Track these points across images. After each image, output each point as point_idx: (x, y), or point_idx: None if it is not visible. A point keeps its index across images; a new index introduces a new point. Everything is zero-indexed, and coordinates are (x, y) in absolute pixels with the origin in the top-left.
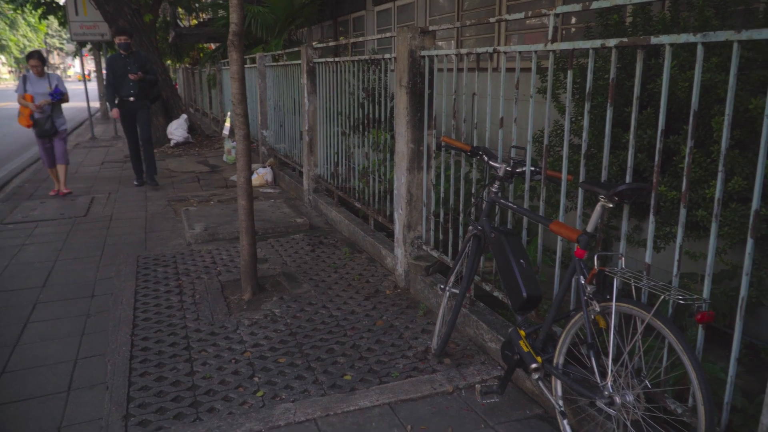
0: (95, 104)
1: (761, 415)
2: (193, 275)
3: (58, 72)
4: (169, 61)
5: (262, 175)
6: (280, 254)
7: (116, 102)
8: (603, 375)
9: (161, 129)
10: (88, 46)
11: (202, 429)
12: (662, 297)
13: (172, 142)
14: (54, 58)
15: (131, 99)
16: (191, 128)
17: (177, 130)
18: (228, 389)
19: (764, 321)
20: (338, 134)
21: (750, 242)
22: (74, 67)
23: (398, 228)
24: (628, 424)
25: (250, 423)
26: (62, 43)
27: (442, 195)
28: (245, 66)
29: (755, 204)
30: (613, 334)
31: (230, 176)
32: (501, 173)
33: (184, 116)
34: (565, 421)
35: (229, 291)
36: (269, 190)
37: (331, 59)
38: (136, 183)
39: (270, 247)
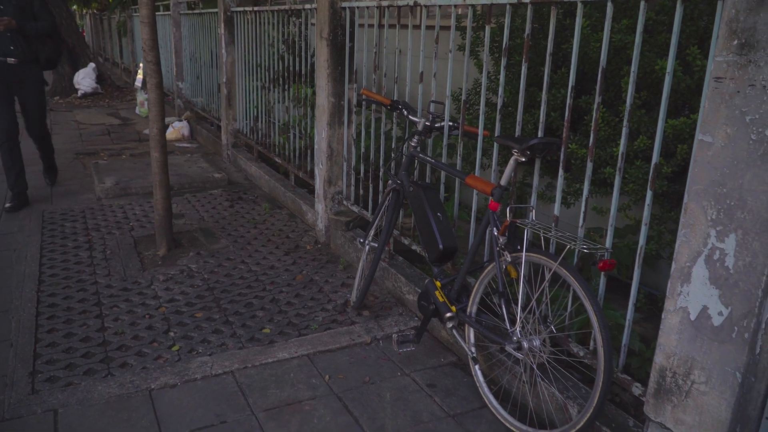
0: None
1: (654, 355)
2: (103, 230)
3: None
4: (75, 6)
5: (178, 129)
6: (197, 210)
7: None
8: (512, 322)
9: (67, 78)
10: None
11: (114, 384)
12: (568, 246)
13: (79, 93)
14: None
15: (10, 60)
16: (100, 78)
17: (84, 79)
18: (141, 344)
19: (663, 273)
20: (258, 88)
21: (649, 194)
22: None
23: (319, 183)
24: (534, 366)
25: (165, 377)
26: None
27: (363, 151)
28: (158, 13)
29: (655, 158)
30: (523, 282)
31: (143, 129)
32: (420, 128)
33: (92, 65)
34: (476, 367)
35: (142, 246)
36: (186, 145)
37: (250, 8)
38: (8, 205)
39: (186, 202)
